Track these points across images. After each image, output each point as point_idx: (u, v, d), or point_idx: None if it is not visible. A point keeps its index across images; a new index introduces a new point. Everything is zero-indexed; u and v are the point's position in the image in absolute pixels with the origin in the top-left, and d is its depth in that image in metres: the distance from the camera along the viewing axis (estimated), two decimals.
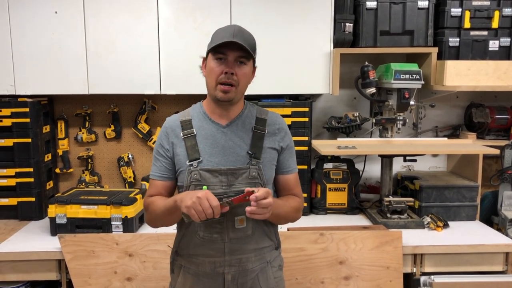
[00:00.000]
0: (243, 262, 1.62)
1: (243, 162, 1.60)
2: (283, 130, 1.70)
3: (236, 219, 1.58)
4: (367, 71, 2.68)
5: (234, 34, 1.52)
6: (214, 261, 1.61)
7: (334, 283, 2.35)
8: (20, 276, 2.34)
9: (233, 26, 1.58)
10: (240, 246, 1.61)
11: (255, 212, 1.43)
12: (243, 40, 1.52)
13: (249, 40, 1.56)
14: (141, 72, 2.69)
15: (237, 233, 1.60)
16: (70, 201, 2.47)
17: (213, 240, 1.60)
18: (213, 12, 2.65)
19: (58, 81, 2.69)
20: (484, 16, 2.72)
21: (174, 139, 1.63)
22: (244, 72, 1.56)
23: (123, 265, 2.32)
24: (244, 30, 1.58)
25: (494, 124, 2.93)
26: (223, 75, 1.53)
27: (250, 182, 1.58)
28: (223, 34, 1.53)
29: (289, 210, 1.66)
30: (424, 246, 2.38)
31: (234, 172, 1.58)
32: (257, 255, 1.65)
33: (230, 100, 1.58)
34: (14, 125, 2.70)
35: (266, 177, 1.62)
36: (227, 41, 1.49)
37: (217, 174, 1.58)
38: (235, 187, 1.58)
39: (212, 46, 1.53)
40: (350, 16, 2.72)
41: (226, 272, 1.61)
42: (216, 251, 1.61)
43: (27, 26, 2.65)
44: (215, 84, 1.55)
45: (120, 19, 2.66)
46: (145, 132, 3.03)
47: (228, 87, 1.54)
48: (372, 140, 2.90)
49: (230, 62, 1.54)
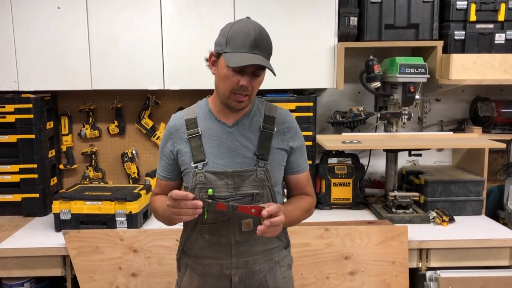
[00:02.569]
0: (251, 264, 1.58)
1: (250, 164, 1.54)
2: (293, 129, 1.62)
3: (243, 222, 1.54)
4: (372, 65, 2.66)
5: (255, 45, 1.41)
6: (221, 263, 1.57)
7: (340, 278, 2.35)
8: (25, 272, 2.34)
9: (252, 28, 1.42)
10: (247, 249, 1.57)
11: (267, 231, 1.38)
12: (263, 51, 1.43)
13: (269, 47, 1.46)
14: (144, 67, 2.68)
15: (244, 236, 1.55)
16: (74, 197, 2.46)
17: (219, 243, 1.56)
18: (217, 6, 2.64)
19: (61, 77, 2.69)
20: (490, 9, 2.69)
21: (178, 139, 1.58)
22: (259, 81, 1.49)
23: (127, 261, 2.32)
24: (263, 34, 1.45)
25: (500, 118, 2.91)
26: (239, 87, 1.45)
27: (258, 185, 1.53)
28: (243, 41, 1.41)
29: (300, 214, 1.60)
30: (430, 241, 2.37)
31: (241, 175, 1.53)
32: (265, 256, 1.60)
33: (243, 108, 1.53)
34: (18, 121, 2.69)
35: (274, 179, 1.57)
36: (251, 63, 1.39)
37: (223, 176, 1.52)
38: (242, 189, 1.53)
39: (232, 63, 1.39)
40: (355, 9, 2.70)
41: (233, 274, 1.57)
42: (223, 254, 1.57)
43: (30, 22, 2.64)
44: (228, 92, 1.47)
45: (123, 14, 2.65)
46: (149, 127, 3.02)
47: (243, 97, 1.48)
48: (377, 135, 2.88)
49: (248, 74, 1.44)
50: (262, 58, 1.42)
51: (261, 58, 1.42)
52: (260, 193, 1.54)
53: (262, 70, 1.47)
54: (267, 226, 1.36)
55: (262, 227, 1.37)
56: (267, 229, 1.37)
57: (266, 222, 1.36)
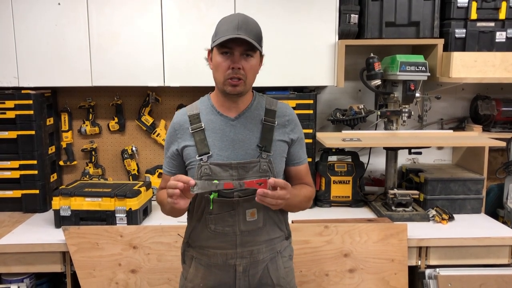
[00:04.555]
0: (255, 254, 1.63)
1: (253, 156, 1.59)
2: (293, 121, 1.68)
3: (247, 212, 1.58)
4: (372, 62, 2.66)
5: (239, 27, 1.48)
6: (226, 253, 1.61)
7: (339, 275, 2.35)
8: (24, 268, 2.34)
9: (237, 16, 1.53)
10: (251, 238, 1.61)
11: (267, 195, 1.40)
12: (248, 32, 1.48)
13: (255, 31, 1.52)
14: (144, 64, 2.68)
15: (249, 226, 1.60)
16: (74, 194, 2.46)
17: (224, 233, 1.60)
18: (217, 3, 2.63)
19: (61, 73, 2.68)
20: (491, 7, 2.68)
21: (183, 135, 1.62)
22: (251, 64, 1.53)
23: (127, 257, 2.32)
24: (249, 20, 1.53)
25: (500, 116, 2.90)
26: (230, 71, 1.50)
27: (261, 176, 1.57)
28: (227, 27, 1.49)
29: (302, 199, 1.66)
30: (429, 239, 2.37)
31: (245, 166, 1.57)
32: (268, 245, 1.65)
33: (240, 93, 1.56)
34: (18, 117, 2.69)
35: (276, 170, 1.61)
36: (233, 37, 1.46)
37: (227, 168, 1.57)
38: (246, 180, 1.55)
39: (217, 42, 1.49)
40: (355, 7, 2.69)
41: (238, 264, 1.62)
42: (228, 244, 1.61)
43: (30, 18, 2.64)
44: (223, 79, 1.53)
45: (123, 10, 2.64)
46: (149, 124, 3.02)
47: (236, 81, 1.52)
48: (377, 133, 2.88)
49: (237, 56, 1.50)
50: (243, 36, 1.46)
51: (243, 36, 1.46)
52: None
53: (251, 51, 1.52)
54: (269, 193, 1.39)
55: (261, 191, 1.40)
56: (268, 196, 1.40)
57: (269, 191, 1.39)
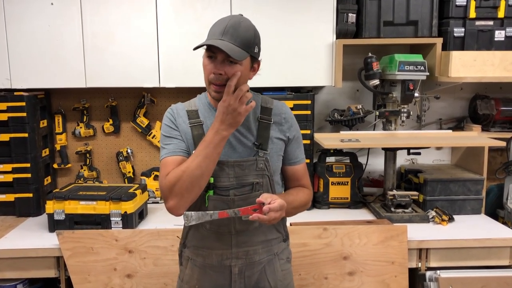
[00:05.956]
0: (250, 254, 1.62)
1: (249, 154, 1.58)
2: (290, 119, 1.67)
3: None
4: (371, 62, 2.63)
5: (225, 32, 1.43)
6: (221, 253, 1.61)
7: (338, 278, 2.32)
8: (17, 273, 2.30)
9: (228, 19, 1.48)
10: (247, 238, 1.61)
11: (263, 220, 1.44)
12: (234, 38, 1.43)
13: (242, 36, 1.45)
14: (139, 64, 2.64)
15: (244, 226, 1.59)
16: (68, 197, 2.42)
17: (219, 232, 1.60)
18: (213, 3, 2.60)
19: (55, 75, 2.64)
20: (490, 6, 2.67)
21: (181, 123, 1.59)
22: (234, 71, 1.45)
23: (123, 262, 2.28)
24: (241, 24, 1.47)
25: (500, 116, 2.88)
26: (213, 75, 1.47)
27: (258, 174, 1.58)
28: (215, 30, 1.47)
29: (297, 206, 1.65)
30: (429, 240, 2.35)
31: (241, 164, 1.57)
32: (265, 247, 1.64)
33: None
34: (11, 119, 2.65)
35: (273, 168, 1.61)
36: (210, 44, 1.42)
37: (224, 166, 1.55)
38: (242, 179, 1.57)
39: (199, 44, 1.45)
40: (353, 6, 2.67)
41: (233, 264, 1.61)
42: (223, 243, 1.60)
43: (23, 18, 2.60)
44: (207, 82, 1.52)
45: (118, 10, 2.61)
46: (144, 126, 2.98)
47: (219, 87, 1.48)
48: (375, 133, 2.86)
49: (219, 61, 1.46)
50: (224, 42, 1.42)
51: (223, 42, 1.42)
52: (260, 182, 1.59)
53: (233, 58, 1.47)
54: (264, 218, 1.43)
55: (256, 216, 1.43)
56: (264, 220, 1.44)
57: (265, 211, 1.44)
